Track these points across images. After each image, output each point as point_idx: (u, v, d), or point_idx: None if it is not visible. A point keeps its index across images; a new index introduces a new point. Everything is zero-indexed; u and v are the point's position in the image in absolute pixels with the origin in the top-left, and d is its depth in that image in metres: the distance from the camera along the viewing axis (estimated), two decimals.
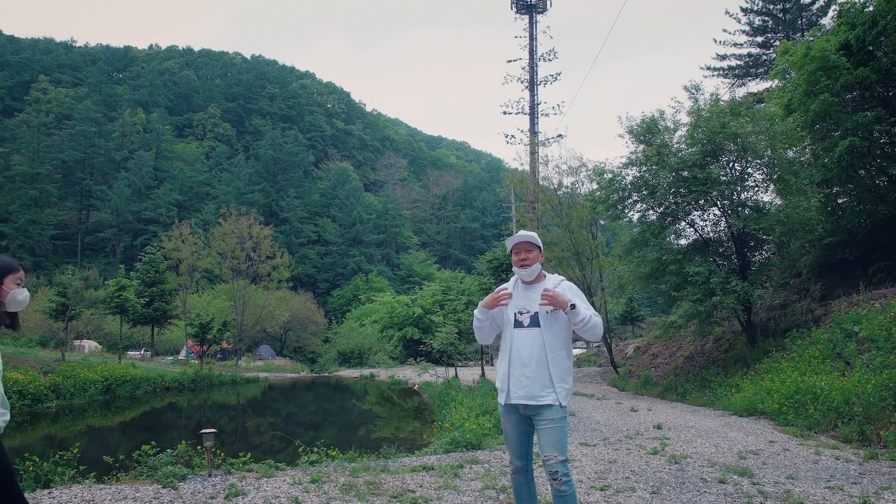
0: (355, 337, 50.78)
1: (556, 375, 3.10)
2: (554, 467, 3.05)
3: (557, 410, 3.10)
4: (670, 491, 4.91)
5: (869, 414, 7.30)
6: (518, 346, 3.18)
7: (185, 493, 4.66)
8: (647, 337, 24.25)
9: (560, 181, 23.94)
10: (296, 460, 6.37)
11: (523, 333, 3.18)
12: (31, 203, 67.43)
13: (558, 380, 3.10)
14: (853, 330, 10.14)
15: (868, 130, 12.64)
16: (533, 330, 3.16)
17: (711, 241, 14.72)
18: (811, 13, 28.50)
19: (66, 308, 23.42)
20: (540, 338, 3.14)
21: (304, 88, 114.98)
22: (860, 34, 12.59)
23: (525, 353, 3.15)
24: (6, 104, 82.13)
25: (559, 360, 3.13)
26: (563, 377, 3.13)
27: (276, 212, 78.28)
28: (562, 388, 3.11)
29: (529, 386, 3.12)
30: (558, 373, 3.11)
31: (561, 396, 3.10)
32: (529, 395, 3.12)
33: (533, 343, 3.14)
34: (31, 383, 16.66)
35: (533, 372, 3.12)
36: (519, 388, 3.16)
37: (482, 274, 25.21)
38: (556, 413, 3.10)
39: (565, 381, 3.13)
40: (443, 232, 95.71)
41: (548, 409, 3.11)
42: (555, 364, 3.11)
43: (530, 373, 3.12)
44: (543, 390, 3.10)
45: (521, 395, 3.15)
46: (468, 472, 5.64)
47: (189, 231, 39.93)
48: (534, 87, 35.30)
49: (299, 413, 17.86)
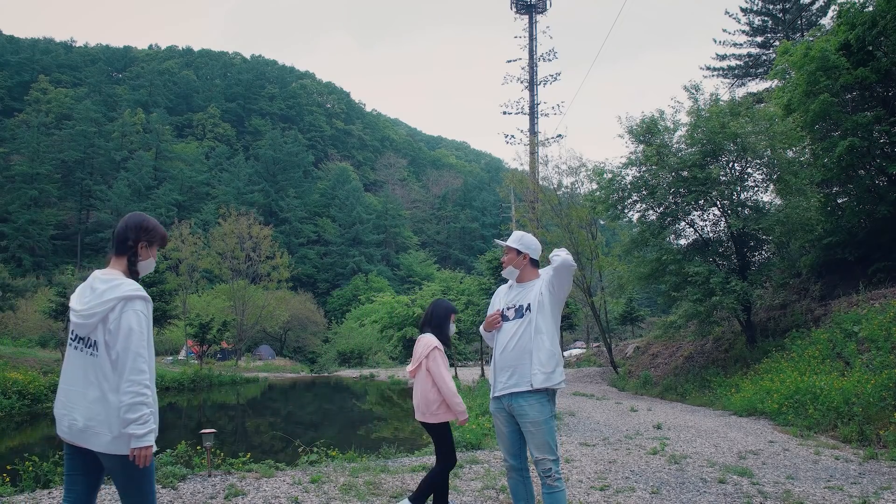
0: (355, 337, 50.74)
1: (536, 360, 3.12)
2: (545, 465, 3.10)
3: (539, 410, 3.10)
4: (670, 491, 4.92)
5: (868, 414, 7.30)
6: (502, 337, 3.30)
7: (185, 493, 4.66)
8: (646, 337, 24.26)
9: (560, 181, 23.97)
10: (295, 460, 6.37)
11: (507, 325, 3.29)
12: (31, 203, 67.37)
13: (537, 363, 3.12)
14: (853, 330, 10.14)
15: (868, 130, 12.64)
16: (516, 321, 3.25)
17: (711, 241, 14.72)
18: (811, 13, 28.50)
19: (66, 308, 23.42)
20: (520, 325, 3.22)
21: (303, 88, 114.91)
22: (860, 34, 12.59)
23: (505, 340, 3.25)
24: (6, 104, 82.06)
25: (539, 344, 3.14)
26: (544, 361, 3.12)
27: (275, 212, 78.24)
28: (539, 370, 3.11)
29: (510, 374, 3.18)
30: (538, 357, 3.12)
31: (536, 381, 3.10)
32: (510, 383, 3.18)
33: (514, 331, 3.23)
34: (31, 383, 16.65)
35: (511, 357, 3.18)
36: (501, 376, 3.24)
37: (482, 274, 25.22)
38: (539, 413, 3.10)
39: (545, 366, 3.12)
40: (442, 232, 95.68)
41: (528, 403, 3.11)
42: (537, 347, 3.13)
43: (510, 358, 3.19)
44: (522, 378, 3.14)
45: (503, 383, 3.21)
46: (468, 472, 5.64)
47: (189, 231, 39.91)
48: (533, 87, 35.30)
49: (299, 413, 17.86)
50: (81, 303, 2.41)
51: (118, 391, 2.29)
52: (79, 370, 2.38)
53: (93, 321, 2.34)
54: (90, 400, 2.33)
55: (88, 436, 2.32)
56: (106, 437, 2.30)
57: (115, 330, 2.31)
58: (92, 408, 2.32)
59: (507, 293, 3.39)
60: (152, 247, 2.56)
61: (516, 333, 3.21)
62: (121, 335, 2.29)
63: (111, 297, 2.34)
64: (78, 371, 2.38)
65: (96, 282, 2.42)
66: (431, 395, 3.89)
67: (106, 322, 2.33)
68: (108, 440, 2.30)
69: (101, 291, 2.37)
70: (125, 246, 2.49)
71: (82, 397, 2.35)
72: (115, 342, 2.30)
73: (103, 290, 2.37)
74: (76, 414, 2.35)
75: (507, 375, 3.21)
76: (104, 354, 2.33)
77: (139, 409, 2.26)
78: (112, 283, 2.39)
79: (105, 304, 2.33)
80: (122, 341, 2.29)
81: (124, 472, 2.34)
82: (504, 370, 3.23)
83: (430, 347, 3.94)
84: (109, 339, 2.32)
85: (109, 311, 2.33)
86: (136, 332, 2.31)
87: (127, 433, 2.26)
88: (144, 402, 2.28)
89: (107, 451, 2.31)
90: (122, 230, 2.50)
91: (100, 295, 2.36)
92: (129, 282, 2.41)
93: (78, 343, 2.40)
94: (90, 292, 2.41)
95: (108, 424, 2.30)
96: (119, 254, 2.50)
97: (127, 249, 2.48)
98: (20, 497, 4.53)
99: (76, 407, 2.35)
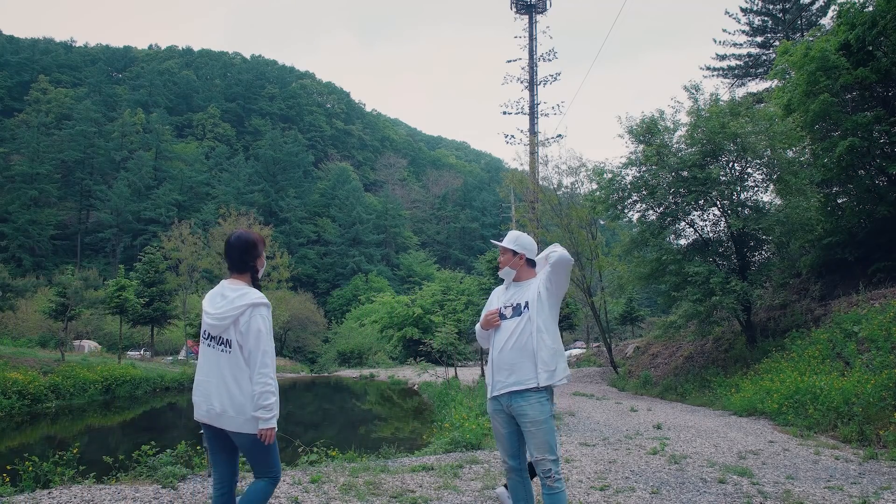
0: (355, 337, 50.75)
1: (540, 359, 3.10)
2: (546, 465, 3.08)
3: (539, 410, 3.09)
4: (670, 491, 4.92)
5: (868, 414, 7.30)
6: (500, 336, 3.27)
7: (185, 493, 4.66)
8: (646, 337, 24.25)
9: (560, 181, 23.95)
10: (295, 460, 6.36)
11: (506, 324, 3.26)
12: (30, 203, 67.37)
13: (541, 362, 3.10)
14: (853, 330, 10.14)
15: (868, 130, 12.64)
16: (514, 319, 3.23)
17: (711, 241, 14.72)
18: (811, 13, 28.50)
19: (66, 308, 23.44)
20: (518, 324, 3.19)
21: (303, 88, 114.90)
22: (860, 34, 12.59)
23: (504, 339, 3.22)
24: (6, 104, 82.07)
25: (541, 343, 3.13)
26: (546, 360, 3.11)
27: (275, 212, 78.20)
28: (543, 369, 3.09)
29: (508, 372, 3.16)
30: (541, 356, 3.10)
31: (541, 379, 3.08)
32: (509, 381, 3.15)
33: (513, 330, 3.21)
34: (31, 383, 16.65)
35: (510, 356, 3.16)
36: (500, 374, 3.20)
37: (482, 274, 25.24)
38: (538, 413, 3.09)
39: (548, 364, 3.10)
40: (442, 232, 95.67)
41: (527, 402, 3.10)
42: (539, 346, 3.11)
43: (509, 357, 3.16)
44: (522, 376, 3.11)
45: (502, 382, 3.18)
46: (468, 472, 5.64)
47: (189, 231, 39.87)
48: (533, 87, 35.27)
49: (299, 413, 17.85)
50: (214, 308, 2.87)
51: (249, 382, 2.78)
52: (213, 364, 2.85)
53: (225, 323, 2.81)
54: (225, 389, 2.80)
55: (224, 419, 2.81)
56: (238, 419, 2.78)
57: (246, 331, 2.79)
58: (227, 396, 2.79)
59: (504, 293, 3.38)
60: (262, 255, 3.04)
61: (515, 332, 3.19)
62: (251, 335, 2.78)
63: (241, 303, 2.82)
64: (213, 365, 2.85)
65: (226, 290, 2.91)
66: None
67: (237, 324, 2.80)
68: (240, 422, 2.78)
69: (231, 299, 2.85)
70: (246, 265, 2.98)
71: (218, 387, 2.82)
72: (245, 341, 2.79)
73: (234, 298, 2.85)
74: (213, 401, 2.82)
75: (505, 374, 3.18)
76: (237, 351, 2.80)
77: (268, 398, 2.75)
78: (240, 291, 2.87)
79: (236, 309, 2.81)
80: (253, 341, 2.77)
81: (253, 447, 2.84)
82: (502, 369, 3.20)
83: None
84: (241, 338, 2.79)
85: (240, 316, 2.80)
86: (263, 333, 2.80)
87: (256, 416, 2.76)
88: (271, 391, 2.77)
89: (239, 430, 2.80)
90: (237, 254, 2.97)
91: (231, 301, 2.84)
92: (254, 291, 2.90)
93: (211, 341, 2.88)
94: (221, 299, 2.88)
95: (240, 409, 2.78)
96: (241, 271, 2.97)
97: (249, 268, 2.98)
98: (20, 497, 4.53)
99: (213, 395, 2.82)
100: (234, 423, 2.79)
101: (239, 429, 2.80)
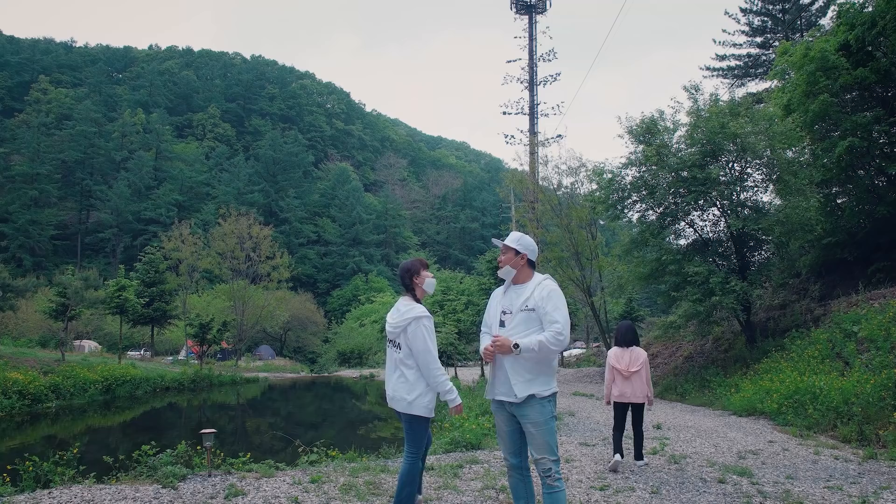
0: (355, 337, 50.75)
1: (532, 370, 3.12)
2: (545, 465, 3.11)
3: (539, 411, 3.11)
4: (670, 491, 4.92)
5: (868, 414, 7.31)
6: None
7: (185, 493, 4.66)
8: (646, 337, 24.23)
9: (560, 181, 23.97)
10: (296, 460, 6.37)
11: (504, 333, 3.25)
12: (31, 203, 67.39)
13: (534, 375, 3.12)
14: (852, 330, 10.15)
15: (867, 131, 12.65)
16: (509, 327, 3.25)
17: (711, 242, 14.72)
18: (810, 13, 28.50)
19: (66, 308, 23.42)
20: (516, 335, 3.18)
21: (303, 88, 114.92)
22: (859, 34, 12.59)
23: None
24: (6, 104, 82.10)
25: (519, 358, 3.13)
26: (539, 372, 3.12)
27: (275, 212, 78.23)
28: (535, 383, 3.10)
29: (507, 382, 3.17)
30: (535, 367, 3.12)
31: (539, 392, 3.10)
32: (508, 391, 3.17)
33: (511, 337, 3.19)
34: (31, 383, 16.65)
35: (509, 368, 3.16)
36: (499, 384, 3.23)
37: (482, 274, 25.20)
38: (539, 415, 3.11)
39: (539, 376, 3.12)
40: (442, 232, 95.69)
41: (528, 407, 3.12)
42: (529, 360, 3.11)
43: (507, 368, 3.17)
44: (519, 387, 3.12)
45: (502, 391, 3.21)
46: (468, 472, 5.65)
47: (189, 231, 39.90)
48: (533, 87, 35.25)
49: (299, 413, 17.85)
50: (392, 319, 3.78)
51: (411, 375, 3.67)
52: (391, 362, 3.81)
53: (397, 331, 3.71)
54: (395, 379, 3.74)
55: (395, 402, 3.73)
56: (404, 403, 3.66)
57: (413, 338, 3.64)
58: (396, 384, 3.72)
59: (503, 297, 3.38)
60: (420, 275, 3.83)
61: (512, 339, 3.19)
62: (418, 342, 3.62)
63: (408, 316, 3.68)
64: (391, 363, 3.81)
65: (400, 305, 3.80)
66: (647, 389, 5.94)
67: (406, 332, 3.68)
68: (405, 405, 3.66)
69: (402, 312, 3.73)
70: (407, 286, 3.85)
71: (389, 378, 3.79)
72: (413, 345, 3.63)
73: (404, 312, 3.72)
74: (389, 389, 3.77)
75: (503, 383, 3.21)
76: (406, 351, 3.69)
77: (446, 385, 3.65)
78: (409, 306, 3.75)
79: (405, 321, 3.68)
80: (420, 345, 3.62)
81: (408, 426, 3.74)
82: (499, 377, 3.23)
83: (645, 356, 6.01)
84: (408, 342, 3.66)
85: (408, 325, 3.67)
86: (428, 339, 3.65)
87: (444, 400, 3.69)
88: (444, 380, 3.66)
89: (405, 411, 3.68)
90: (402, 277, 3.87)
91: (402, 314, 3.72)
92: (418, 306, 3.75)
93: (389, 345, 3.84)
94: (396, 312, 3.78)
95: (405, 395, 3.65)
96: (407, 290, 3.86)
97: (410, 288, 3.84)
98: (20, 497, 4.53)
99: (388, 384, 3.80)
100: (400, 406, 3.68)
101: (405, 410, 3.67)
